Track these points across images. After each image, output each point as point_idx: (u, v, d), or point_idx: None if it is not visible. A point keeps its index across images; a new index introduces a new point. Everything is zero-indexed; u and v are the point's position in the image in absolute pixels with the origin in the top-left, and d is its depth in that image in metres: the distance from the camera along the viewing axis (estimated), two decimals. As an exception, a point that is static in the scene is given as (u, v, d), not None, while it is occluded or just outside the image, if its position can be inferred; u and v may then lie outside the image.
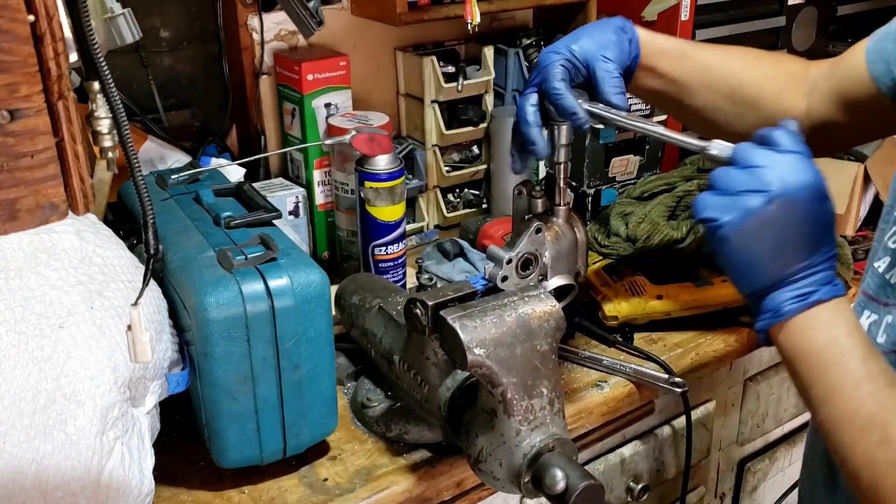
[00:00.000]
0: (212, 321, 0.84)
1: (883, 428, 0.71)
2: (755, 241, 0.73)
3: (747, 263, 0.75)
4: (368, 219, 1.24)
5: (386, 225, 1.23)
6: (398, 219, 1.25)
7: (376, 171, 1.21)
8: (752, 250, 0.74)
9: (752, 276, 0.75)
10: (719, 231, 0.74)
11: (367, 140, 1.21)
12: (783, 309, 0.75)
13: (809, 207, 0.73)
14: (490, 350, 0.79)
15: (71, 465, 0.74)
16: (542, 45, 1.60)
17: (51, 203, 0.54)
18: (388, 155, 1.22)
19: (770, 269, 0.74)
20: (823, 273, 0.75)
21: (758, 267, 0.75)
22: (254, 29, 1.39)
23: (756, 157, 0.73)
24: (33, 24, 0.50)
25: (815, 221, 0.74)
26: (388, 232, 1.24)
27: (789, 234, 0.73)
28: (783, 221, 0.72)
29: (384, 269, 1.26)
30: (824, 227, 0.75)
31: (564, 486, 0.77)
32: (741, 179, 0.73)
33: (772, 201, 0.71)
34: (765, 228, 0.72)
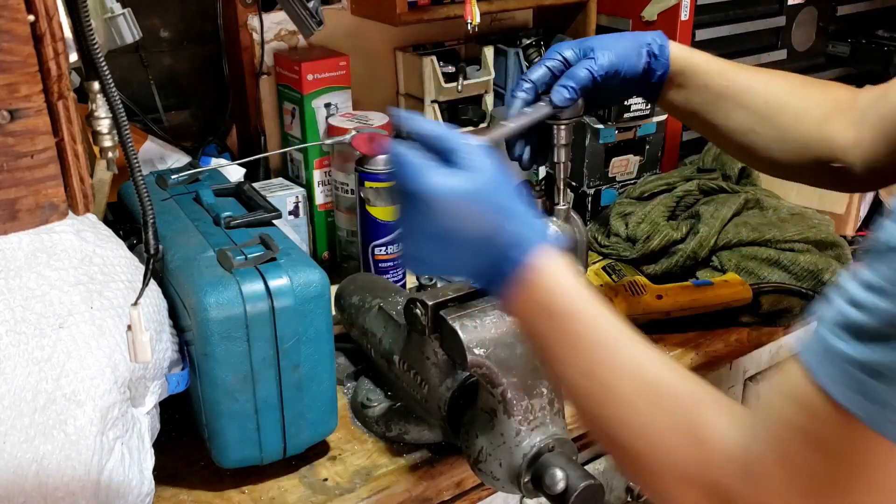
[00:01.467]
0: (212, 321, 0.84)
1: (652, 392, 0.65)
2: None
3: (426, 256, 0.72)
4: (368, 219, 1.24)
5: (386, 225, 1.23)
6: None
7: (376, 171, 1.21)
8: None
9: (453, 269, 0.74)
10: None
11: (367, 140, 1.21)
12: (493, 290, 0.71)
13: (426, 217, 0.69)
14: (490, 350, 0.79)
15: (71, 465, 0.74)
16: (542, 45, 1.60)
17: (51, 203, 0.54)
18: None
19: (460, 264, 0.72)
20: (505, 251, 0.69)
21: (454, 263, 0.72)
22: (254, 29, 1.39)
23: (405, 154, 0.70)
24: (33, 24, 0.50)
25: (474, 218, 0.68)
26: (388, 232, 1.24)
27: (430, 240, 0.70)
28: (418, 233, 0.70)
29: (384, 269, 1.26)
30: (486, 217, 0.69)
31: (564, 486, 0.77)
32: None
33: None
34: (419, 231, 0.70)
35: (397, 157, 0.70)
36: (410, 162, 0.69)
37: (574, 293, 0.68)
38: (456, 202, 0.68)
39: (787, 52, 1.74)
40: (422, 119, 0.72)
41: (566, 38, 1.62)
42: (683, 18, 1.50)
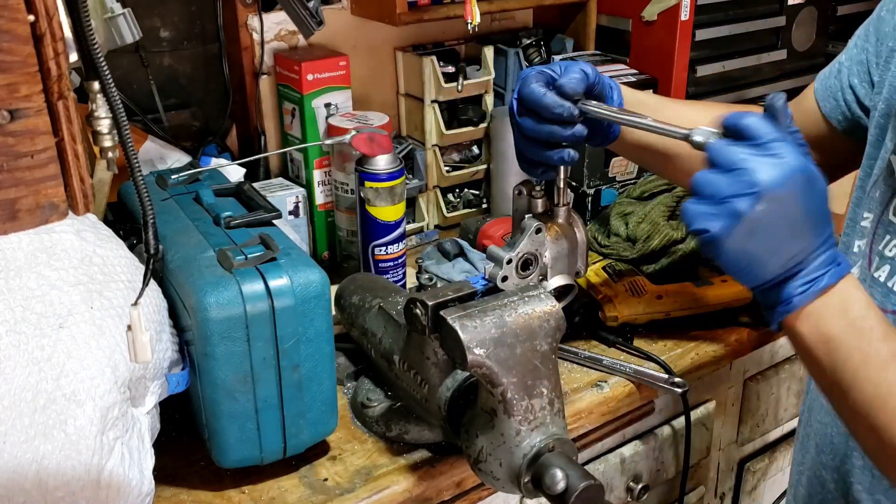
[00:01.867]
0: (212, 321, 0.84)
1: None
2: (750, 243, 0.71)
3: (746, 265, 0.73)
4: (368, 219, 1.24)
5: (386, 225, 1.24)
6: (398, 219, 1.25)
7: (376, 171, 1.21)
8: (749, 252, 0.72)
9: (754, 274, 0.74)
10: (712, 241, 0.72)
11: (367, 140, 1.22)
12: (793, 301, 0.74)
13: (799, 196, 0.70)
14: (490, 350, 0.79)
15: (71, 465, 0.74)
16: (543, 45, 1.60)
17: (51, 203, 0.54)
18: (388, 155, 1.22)
19: (770, 264, 0.73)
20: (825, 254, 0.73)
21: (758, 265, 0.73)
22: (254, 29, 1.39)
23: (734, 156, 0.70)
24: (33, 24, 0.50)
25: (808, 208, 0.71)
26: (388, 232, 1.24)
27: (783, 228, 0.71)
28: (775, 218, 0.70)
29: (384, 269, 1.26)
30: (818, 209, 0.72)
31: (564, 486, 0.77)
32: (723, 184, 0.70)
33: (759, 201, 0.69)
34: (757, 229, 0.71)
35: (767, 130, 0.70)
36: (784, 140, 0.70)
37: (874, 309, 0.73)
38: (823, 187, 0.72)
39: (787, 52, 1.74)
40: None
41: (566, 38, 1.62)
42: (683, 18, 1.50)
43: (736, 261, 0.73)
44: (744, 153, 0.70)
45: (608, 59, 1.54)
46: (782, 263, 0.73)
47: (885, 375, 0.71)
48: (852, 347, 0.73)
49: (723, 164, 0.71)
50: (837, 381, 0.74)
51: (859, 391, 0.73)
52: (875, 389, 0.72)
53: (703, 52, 1.61)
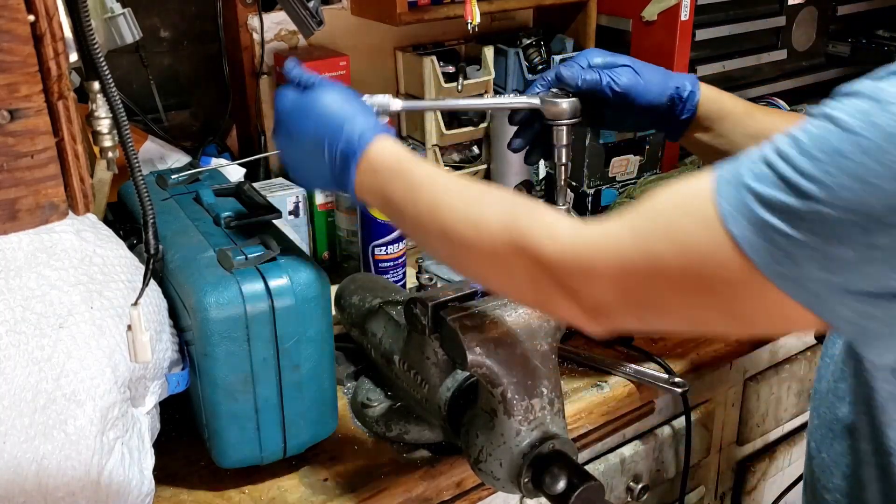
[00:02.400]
0: (212, 321, 0.84)
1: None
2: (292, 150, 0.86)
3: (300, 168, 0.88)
4: (368, 219, 1.24)
5: (386, 225, 1.24)
6: None
7: None
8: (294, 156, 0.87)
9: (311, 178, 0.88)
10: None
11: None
12: (346, 187, 0.81)
13: (291, 125, 0.84)
14: (490, 350, 0.79)
15: (71, 465, 0.74)
16: (543, 45, 1.60)
17: (51, 203, 0.54)
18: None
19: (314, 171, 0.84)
20: (344, 141, 0.80)
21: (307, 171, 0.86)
22: (254, 29, 1.39)
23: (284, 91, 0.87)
24: (33, 24, 0.50)
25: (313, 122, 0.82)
26: (388, 232, 1.24)
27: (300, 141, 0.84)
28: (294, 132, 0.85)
29: (384, 269, 1.27)
30: (322, 119, 0.82)
31: (564, 486, 0.77)
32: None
33: (283, 114, 0.85)
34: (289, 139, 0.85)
35: (276, 93, 0.88)
36: (279, 91, 0.87)
37: (414, 159, 0.80)
38: (304, 107, 0.84)
39: (787, 52, 1.74)
40: (298, 68, 0.87)
41: (566, 38, 1.62)
42: (683, 18, 1.50)
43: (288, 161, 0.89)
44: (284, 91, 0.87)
45: (608, 59, 1.54)
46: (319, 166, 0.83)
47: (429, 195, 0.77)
48: (401, 188, 0.78)
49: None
50: (399, 216, 0.79)
51: (414, 210, 0.77)
52: (428, 208, 0.75)
53: (703, 52, 1.61)
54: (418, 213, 0.76)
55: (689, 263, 0.60)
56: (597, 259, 0.64)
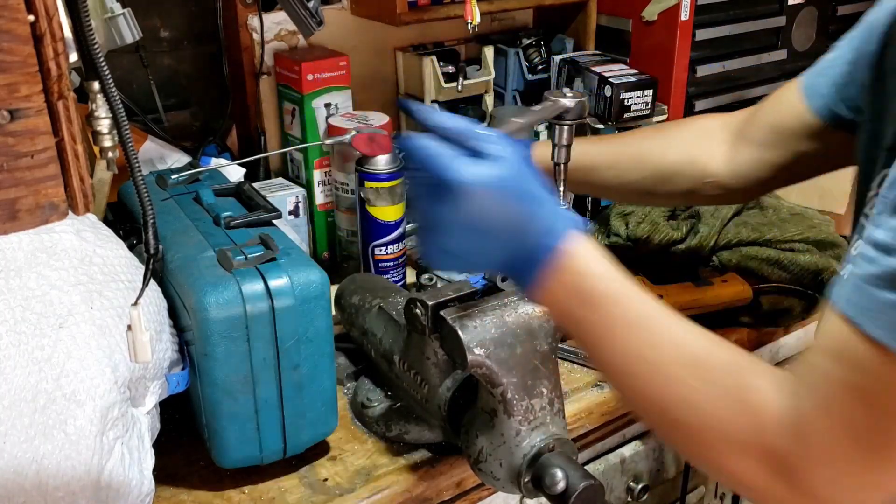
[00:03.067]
0: (212, 321, 0.84)
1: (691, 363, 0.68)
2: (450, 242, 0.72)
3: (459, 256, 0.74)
4: (368, 219, 1.24)
5: (386, 225, 1.24)
6: (398, 219, 1.25)
7: (376, 170, 1.21)
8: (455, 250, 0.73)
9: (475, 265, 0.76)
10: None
11: (367, 140, 1.22)
12: (525, 286, 0.73)
13: (483, 205, 0.69)
14: (490, 350, 0.79)
15: (71, 465, 0.74)
16: (543, 45, 1.60)
17: (51, 203, 0.54)
18: (388, 155, 1.21)
19: (484, 261, 0.74)
20: (533, 241, 0.70)
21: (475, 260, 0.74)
22: (254, 29, 1.39)
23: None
24: (33, 24, 0.50)
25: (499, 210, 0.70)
26: (388, 232, 1.24)
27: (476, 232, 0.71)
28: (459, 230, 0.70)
29: (384, 268, 1.27)
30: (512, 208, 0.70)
31: (564, 486, 0.77)
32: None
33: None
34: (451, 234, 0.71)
35: (422, 149, 0.70)
36: (438, 153, 0.70)
37: (608, 275, 0.70)
38: (487, 190, 0.69)
39: (787, 52, 1.74)
40: (439, 111, 0.73)
41: (566, 38, 1.62)
42: (683, 18, 1.50)
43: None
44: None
45: (608, 59, 1.54)
46: (494, 258, 0.73)
47: (625, 345, 0.70)
48: (591, 321, 0.71)
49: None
50: (591, 354, 0.73)
51: (610, 358, 0.71)
52: (623, 357, 0.70)
53: (703, 52, 1.61)
54: (617, 359, 0.70)
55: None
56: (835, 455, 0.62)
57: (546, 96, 0.92)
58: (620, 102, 1.43)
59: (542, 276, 0.71)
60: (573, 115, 0.93)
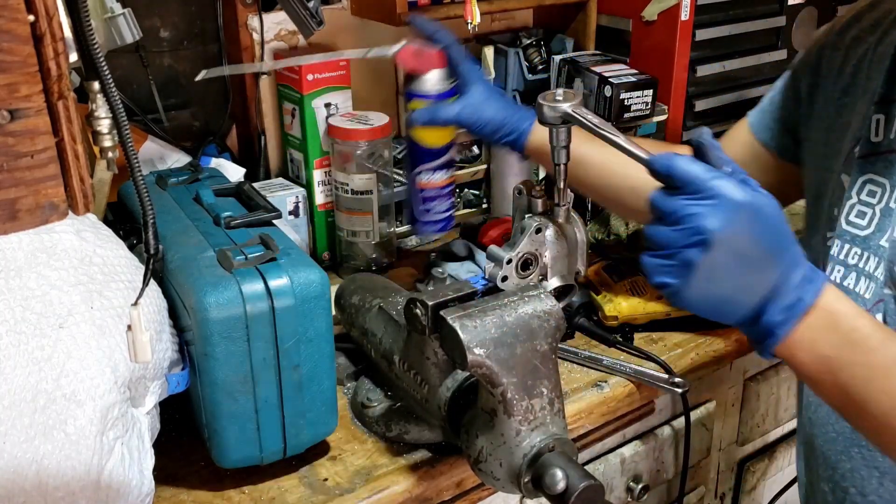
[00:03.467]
0: (212, 321, 0.84)
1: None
2: (713, 287, 0.70)
3: (716, 307, 0.72)
4: (413, 146, 1.11)
5: (432, 151, 1.11)
6: (446, 144, 1.11)
7: (424, 90, 1.07)
8: (715, 295, 0.71)
9: (729, 314, 0.73)
10: (674, 293, 0.71)
11: (415, 54, 1.06)
12: (776, 332, 0.72)
13: (749, 231, 0.69)
14: (490, 350, 0.79)
15: (71, 465, 0.74)
16: (543, 45, 1.60)
17: (51, 203, 0.54)
18: (439, 70, 1.06)
19: (741, 303, 0.72)
20: (796, 276, 0.71)
21: (729, 305, 0.72)
22: (254, 29, 1.39)
23: (674, 206, 0.69)
24: (33, 24, 0.50)
25: (762, 238, 0.70)
26: (434, 157, 1.11)
27: (742, 265, 0.70)
28: (730, 259, 0.69)
29: (430, 197, 1.13)
30: (774, 235, 0.71)
31: (564, 486, 0.77)
32: (672, 236, 0.69)
33: (708, 248, 0.68)
34: (715, 273, 0.69)
35: (686, 167, 0.69)
36: (720, 176, 0.68)
37: (863, 315, 0.72)
38: (774, 213, 0.70)
39: (787, 52, 1.74)
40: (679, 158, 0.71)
41: (566, 38, 1.62)
42: (683, 18, 1.50)
43: (705, 306, 0.72)
44: (684, 201, 0.69)
45: (608, 59, 1.54)
46: (753, 298, 0.72)
47: (894, 383, 0.70)
48: (854, 363, 0.71)
49: (666, 215, 0.70)
50: (850, 399, 0.73)
51: (876, 404, 0.71)
52: (890, 399, 0.70)
53: (703, 52, 1.61)
54: (884, 399, 0.71)
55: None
56: None
57: (539, 99, 0.92)
58: (620, 102, 1.43)
59: (799, 320, 0.71)
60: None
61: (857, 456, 0.89)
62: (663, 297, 0.74)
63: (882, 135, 0.87)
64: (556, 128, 0.93)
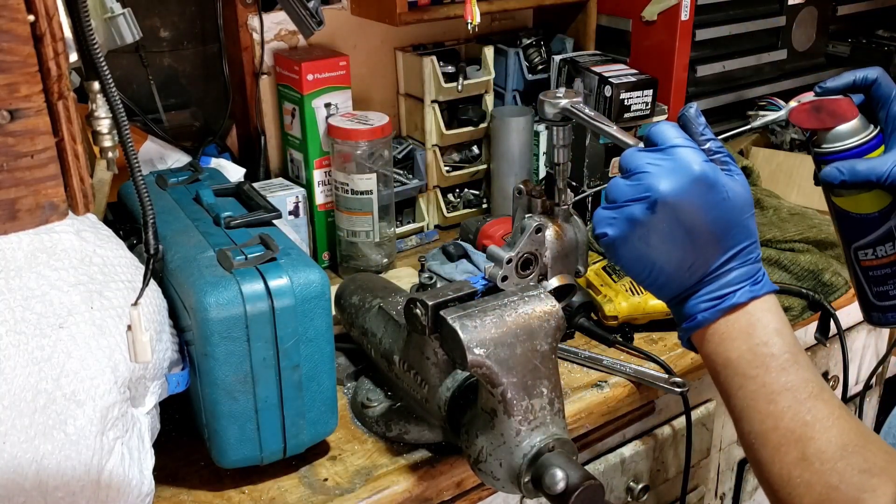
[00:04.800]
0: (212, 321, 0.84)
1: (800, 445, 0.68)
2: (647, 249, 0.69)
3: (645, 271, 0.71)
4: (841, 215, 0.89)
5: (865, 219, 0.87)
6: (881, 208, 0.86)
7: (836, 148, 0.84)
8: (647, 257, 0.70)
9: (660, 285, 0.72)
10: (609, 244, 0.70)
11: (812, 111, 0.85)
12: (697, 317, 0.71)
13: (697, 204, 0.67)
14: (490, 350, 0.79)
15: (71, 465, 0.74)
16: (543, 45, 1.60)
17: (51, 203, 0.54)
18: (851, 122, 0.84)
19: (674, 276, 0.71)
20: (739, 270, 0.70)
21: (658, 274, 0.71)
22: (254, 29, 1.39)
23: (637, 161, 0.69)
24: (33, 24, 0.50)
25: (713, 218, 0.68)
26: (869, 228, 0.88)
27: (680, 235, 0.68)
28: (669, 226, 0.68)
29: (876, 277, 0.90)
30: (725, 220, 0.69)
31: (564, 486, 0.77)
32: (624, 189, 0.69)
33: (653, 207, 0.67)
34: (651, 235, 0.68)
35: (672, 137, 0.69)
36: (687, 145, 0.69)
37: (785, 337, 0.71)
38: (737, 200, 0.69)
39: (787, 52, 1.74)
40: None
41: (566, 38, 1.62)
42: (684, 18, 1.50)
43: (633, 265, 0.71)
44: (647, 158, 0.69)
45: (608, 59, 1.54)
46: (685, 277, 0.70)
47: (771, 409, 0.69)
48: (748, 375, 0.70)
49: (627, 168, 0.70)
50: (731, 407, 0.72)
51: (747, 421, 0.71)
52: (760, 424, 0.70)
53: (703, 52, 1.61)
54: (748, 429, 0.72)
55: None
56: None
57: (540, 96, 0.92)
58: (620, 102, 1.43)
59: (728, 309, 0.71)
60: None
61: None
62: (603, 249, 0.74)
63: None
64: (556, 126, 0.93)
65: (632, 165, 0.70)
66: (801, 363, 0.71)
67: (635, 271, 0.72)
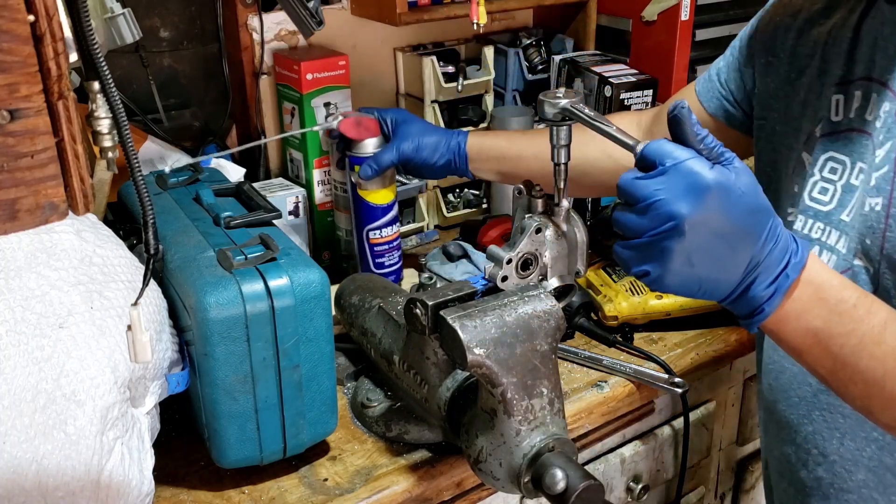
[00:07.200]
0: (212, 321, 0.84)
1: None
2: (692, 270, 0.69)
3: (699, 288, 0.72)
4: (361, 203, 1.26)
5: (379, 208, 1.25)
6: (390, 202, 1.26)
7: (365, 154, 1.22)
8: (696, 277, 0.70)
9: (712, 293, 0.73)
10: (655, 280, 0.70)
11: (355, 124, 1.23)
12: (764, 307, 0.72)
13: (722, 210, 0.68)
14: (490, 350, 0.79)
15: (71, 465, 0.74)
16: (543, 45, 1.60)
17: (51, 203, 0.54)
18: (376, 138, 1.23)
19: (723, 281, 0.71)
20: (777, 249, 0.71)
21: (711, 284, 0.71)
22: (254, 29, 1.39)
23: (646, 191, 0.68)
24: (33, 24, 0.50)
25: (737, 215, 0.69)
26: (381, 215, 1.26)
27: (717, 244, 0.69)
28: (708, 239, 0.68)
29: (379, 252, 1.29)
30: (749, 211, 0.69)
31: (564, 486, 0.77)
32: (643, 223, 0.68)
33: (682, 231, 0.67)
34: (692, 256, 0.68)
35: (668, 152, 0.68)
36: (690, 157, 0.67)
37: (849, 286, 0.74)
38: (748, 187, 0.69)
39: (787, 52, 1.74)
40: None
41: (566, 38, 1.62)
42: (683, 18, 1.50)
43: (687, 288, 0.71)
44: (654, 185, 0.67)
45: (608, 59, 1.54)
46: (735, 275, 0.71)
47: (884, 349, 0.72)
48: (844, 333, 0.72)
49: (636, 199, 0.69)
50: (840, 368, 0.74)
51: (869, 371, 0.72)
52: (882, 365, 0.72)
53: (703, 52, 1.61)
54: (872, 377, 0.73)
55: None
56: None
57: (540, 96, 0.92)
58: (620, 102, 1.43)
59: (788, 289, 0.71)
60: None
61: (819, 419, 0.91)
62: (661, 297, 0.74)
63: (842, 114, 0.89)
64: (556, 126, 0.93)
65: (640, 196, 0.68)
66: (869, 294, 0.74)
67: (688, 291, 0.72)
